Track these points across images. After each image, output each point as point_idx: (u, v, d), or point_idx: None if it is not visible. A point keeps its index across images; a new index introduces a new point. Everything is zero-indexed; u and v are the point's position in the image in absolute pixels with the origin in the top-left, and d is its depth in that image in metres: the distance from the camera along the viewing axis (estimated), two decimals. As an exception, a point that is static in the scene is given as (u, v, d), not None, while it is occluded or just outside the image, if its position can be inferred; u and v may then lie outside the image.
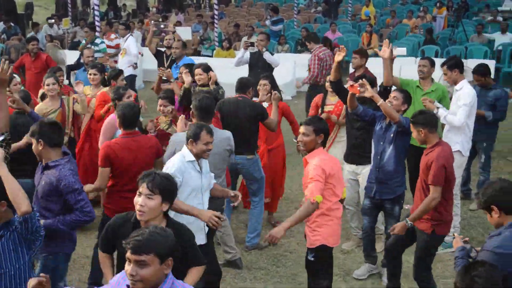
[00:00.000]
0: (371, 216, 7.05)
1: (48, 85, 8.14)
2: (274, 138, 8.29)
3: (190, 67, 8.71)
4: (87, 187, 6.11)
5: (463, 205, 8.69)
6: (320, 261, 5.81)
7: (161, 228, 3.67)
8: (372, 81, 7.41)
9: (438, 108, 7.76)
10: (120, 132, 6.79)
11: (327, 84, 8.05)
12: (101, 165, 6.16)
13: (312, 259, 5.79)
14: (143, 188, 4.30)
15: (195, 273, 4.58)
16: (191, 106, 6.38)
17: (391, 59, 7.53)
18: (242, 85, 7.79)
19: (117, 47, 14.35)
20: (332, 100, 8.25)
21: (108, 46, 14.35)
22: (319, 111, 8.41)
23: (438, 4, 24.39)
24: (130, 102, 6.66)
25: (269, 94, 7.98)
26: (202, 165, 5.68)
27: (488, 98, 8.84)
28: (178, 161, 5.56)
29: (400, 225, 6.05)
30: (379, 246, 7.36)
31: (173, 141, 6.32)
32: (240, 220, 8.66)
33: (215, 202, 6.17)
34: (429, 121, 6.07)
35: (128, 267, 3.52)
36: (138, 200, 4.31)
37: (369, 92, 6.68)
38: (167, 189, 4.35)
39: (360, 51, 9.99)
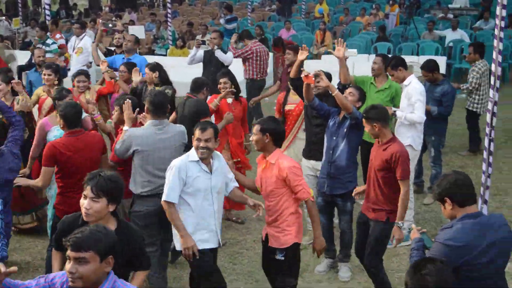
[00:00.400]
0: (326, 213, 7.10)
1: None
2: (238, 134, 8.30)
3: (132, 66, 8.75)
4: (24, 180, 6.34)
5: (417, 199, 8.80)
6: (291, 259, 5.87)
7: (103, 227, 3.69)
8: (329, 76, 7.49)
9: (394, 111, 7.91)
10: (54, 133, 6.95)
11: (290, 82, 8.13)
12: (44, 164, 6.16)
13: (282, 258, 5.81)
14: (87, 191, 4.30)
15: (140, 277, 4.59)
16: (145, 103, 6.34)
17: (344, 59, 7.60)
18: (196, 85, 7.80)
19: (62, 47, 14.14)
20: (294, 99, 8.16)
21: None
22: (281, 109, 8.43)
23: (390, 2, 24.69)
24: (71, 102, 6.67)
25: (230, 91, 8.11)
26: (213, 165, 5.61)
27: (435, 94, 8.97)
28: (180, 161, 5.54)
29: (396, 231, 6.06)
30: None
31: (130, 135, 6.21)
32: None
33: None
34: (383, 116, 6.14)
35: (68, 265, 3.51)
36: (83, 203, 4.32)
37: (324, 82, 6.73)
38: (112, 191, 4.35)
39: (294, 47, 10.17)
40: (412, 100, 7.79)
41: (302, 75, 6.68)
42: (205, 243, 5.65)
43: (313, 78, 6.67)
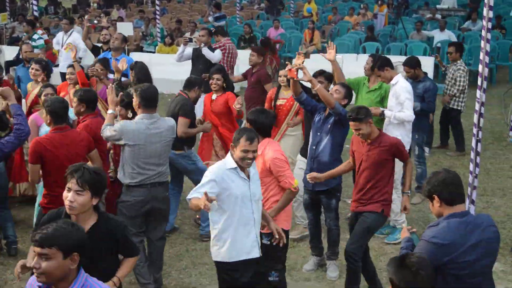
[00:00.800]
0: (313, 210, 7.15)
1: None
2: (228, 127, 8.35)
3: (106, 62, 8.84)
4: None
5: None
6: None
7: (70, 223, 3.67)
8: (330, 77, 7.65)
9: (382, 111, 7.98)
10: (45, 128, 6.95)
11: (280, 78, 8.40)
12: (30, 161, 6.11)
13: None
14: (72, 183, 4.30)
15: (127, 264, 4.64)
16: (135, 96, 6.31)
17: (336, 61, 7.72)
18: (188, 83, 7.91)
19: (47, 42, 14.19)
20: (285, 94, 8.42)
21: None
22: (272, 104, 8.55)
23: (379, 2, 24.77)
24: (58, 97, 6.57)
25: (220, 89, 8.32)
26: (250, 172, 5.40)
27: (418, 90, 9.03)
28: (217, 169, 5.27)
29: (406, 200, 6.35)
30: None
31: (122, 129, 6.15)
32: (185, 216, 8.64)
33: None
34: (370, 112, 6.30)
35: (34, 260, 3.56)
36: (67, 196, 4.31)
37: (306, 76, 6.77)
38: (96, 184, 4.36)
39: (257, 49, 10.32)
40: (401, 99, 7.84)
41: (286, 69, 6.82)
42: (247, 254, 5.42)
43: (295, 73, 6.74)
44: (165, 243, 6.87)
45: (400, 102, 7.86)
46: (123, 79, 8.90)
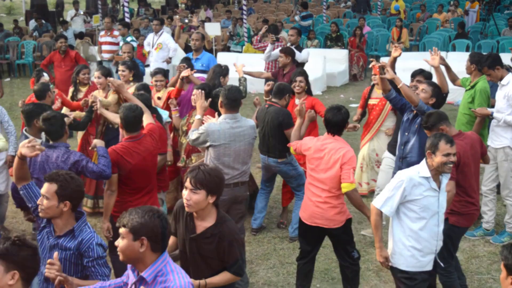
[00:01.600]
0: None
1: (96, 77, 8.53)
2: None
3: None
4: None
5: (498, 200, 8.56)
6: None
7: (147, 210, 3.79)
8: (430, 75, 7.61)
9: (492, 112, 7.57)
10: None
11: (373, 77, 8.35)
12: None
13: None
14: (187, 182, 4.44)
15: (222, 276, 4.61)
16: (220, 96, 6.40)
17: (439, 67, 7.51)
18: (278, 91, 7.86)
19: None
20: (378, 93, 8.39)
21: (111, 43, 14.63)
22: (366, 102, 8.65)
23: (470, -2, 24.24)
24: (132, 104, 6.30)
25: (303, 92, 8.35)
26: (442, 182, 5.24)
27: None
28: (410, 175, 5.16)
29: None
30: None
31: (207, 130, 6.25)
32: (273, 215, 8.69)
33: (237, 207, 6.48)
34: (443, 116, 5.92)
35: None
36: (184, 194, 4.47)
37: (389, 74, 6.71)
38: (210, 183, 4.42)
39: (285, 49, 10.03)
40: None
41: (371, 65, 6.93)
42: (422, 267, 5.33)
43: (378, 69, 6.76)
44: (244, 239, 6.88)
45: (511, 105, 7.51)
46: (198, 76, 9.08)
